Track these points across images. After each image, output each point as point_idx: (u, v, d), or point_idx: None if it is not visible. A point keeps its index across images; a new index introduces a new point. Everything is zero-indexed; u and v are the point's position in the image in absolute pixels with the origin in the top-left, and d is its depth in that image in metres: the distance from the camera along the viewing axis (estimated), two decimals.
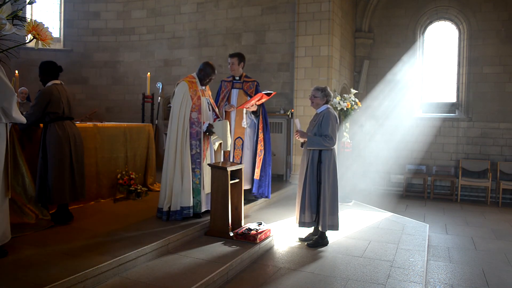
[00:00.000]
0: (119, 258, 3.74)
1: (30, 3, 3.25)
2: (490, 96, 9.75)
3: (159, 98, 9.18)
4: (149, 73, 8.74)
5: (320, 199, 5.05)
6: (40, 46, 3.08)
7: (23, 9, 3.32)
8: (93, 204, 5.81)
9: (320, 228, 5.12)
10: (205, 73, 5.33)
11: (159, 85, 9.17)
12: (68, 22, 11.37)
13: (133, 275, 3.75)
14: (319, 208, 5.06)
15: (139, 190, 6.23)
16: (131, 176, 6.28)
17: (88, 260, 3.63)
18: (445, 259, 5.39)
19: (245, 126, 6.17)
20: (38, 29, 3.04)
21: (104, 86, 11.32)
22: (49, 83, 4.77)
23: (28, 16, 10.19)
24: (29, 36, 3.07)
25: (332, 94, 5.34)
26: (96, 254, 3.79)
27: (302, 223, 5.15)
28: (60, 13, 11.40)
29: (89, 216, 5.23)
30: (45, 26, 3.09)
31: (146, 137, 6.99)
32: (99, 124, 6.11)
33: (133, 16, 11.32)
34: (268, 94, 5.85)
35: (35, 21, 3.04)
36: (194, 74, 5.39)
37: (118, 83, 11.37)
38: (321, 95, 5.18)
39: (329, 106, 5.26)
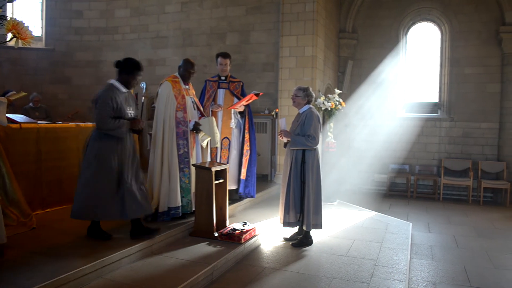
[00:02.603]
0: (102, 260, 3.69)
1: (10, 1, 3.21)
2: (472, 96, 9.90)
3: (143, 98, 9.09)
4: None
5: (304, 198, 5.06)
6: (20, 45, 3.04)
7: (3, 7, 3.27)
8: None
9: (304, 228, 5.14)
10: (185, 68, 5.30)
11: (143, 85, 9.07)
12: (50, 20, 11.19)
13: (116, 277, 3.71)
14: (303, 207, 5.07)
15: None
16: None
17: (70, 262, 3.58)
18: (428, 257, 5.46)
19: (233, 127, 6.17)
20: (18, 28, 3.00)
21: (87, 86, 11.17)
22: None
23: (9, 14, 10.01)
24: (9, 35, 3.03)
25: (314, 95, 5.37)
26: (78, 256, 3.73)
27: (287, 223, 5.16)
28: (42, 11, 11.22)
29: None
30: (26, 24, 3.05)
31: None
32: (81, 124, 6.02)
33: (117, 15, 11.21)
34: (256, 95, 5.86)
35: (15, 19, 3.00)
36: (177, 74, 5.36)
37: (101, 83, 11.18)
38: (303, 94, 5.20)
39: (311, 106, 5.29)
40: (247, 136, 6.24)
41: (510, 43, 9.32)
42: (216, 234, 4.84)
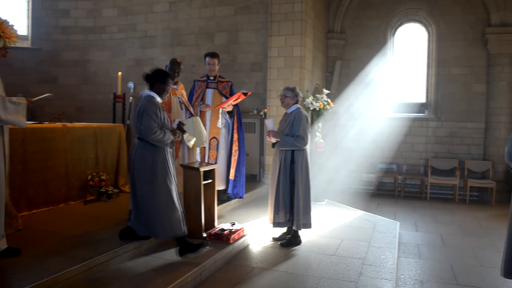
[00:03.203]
0: (89, 261, 3.66)
1: None
2: (458, 96, 10.02)
3: (131, 98, 9.03)
4: (120, 73, 8.59)
5: (294, 199, 5.08)
6: (5, 44, 3.01)
7: None
8: (62, 206, 5.68)
9: (294, 228, 5.15)
10: (170, 68, 5.30)
11: (131, 84, 9.01)
12: (36, 20, 11.06)
13: (104, 278, 3.68)
14: (293, 208, 5.09)
15: (110, 192, 6.12)
16: (102, 177, 6.16)
17: (57, 263, 3.55)
18: (415, 255, 5.51)
19: (221, 127, 6.15)
20: (2, 27, 2.97)
21: (73, 85, 11.08)
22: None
23: None
24: None
25: (301, 94, 5.39)
26: (66, 258, 3.70)
27: (276, 223, 5.17)
28: (28, 10, 11.09)
29: (58, 219, 5.11)
30: (10, 23, 3.02)
31: (117, 138, 6.88)
32: (68, 124, 5.97)
33: (104, 14, 11.12)
34: (244, 94, 5.85)
35: None
36: None
37: (88, 83, 11.15)
38: (292, 94, 5.22)
39: (299, 106, 5.30)
40: (235, 136, 6.23)
41: (496, 44, 9.45)
42: (204, 235, 4.82)
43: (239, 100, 6.02)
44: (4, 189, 3.75)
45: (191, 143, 5.33)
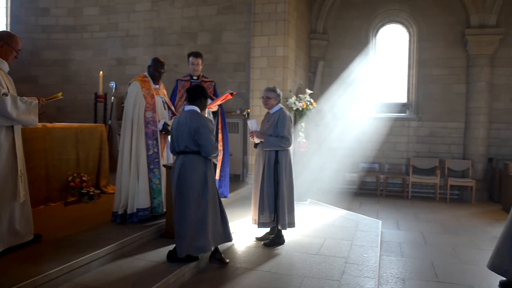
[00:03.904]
0: (70, 263, 3.62)
1: None
2: (438, 96, 10.17)
3: (112, 97, 8.95)
4: (101, 72, 8.51)
5: (279, 199, 5.09)
6: None
7: None
8: (42, 208, 5.58)
9: (280, 227, 5.18)
10: (154, 68, 5.22)
11: (113, 84, 8.93)
12: (15, 18, 10.87)
13: (85, 280, 3.63)
14: (278, 208, 5.10)
15: (91, 193, 6.04)
16: (83, 178, 6.08)
17: (37, 266, 3.49)
18: (397, 254, 5.57)
19: None
20: None
21: (54, 85, 10.89)
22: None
23: None
24: None
25: (281, 92, 5.40)
26: (46, 260, 3.64)
27: (261, 224, 5.18)
28: (7, 8, 10.89)
29: (38, 220, 4.99)
30: None
31: (98, 138, 6.80)
32: (48, 124, 5.87)
33: (85, 13, 10.98)
34: (231, 94, 5.85)
35: None
36: (146, 73, 5.28)
37: (69, 82, 10.99)
38: (275, 95, 5.23)
39: (282, 106, 5.32)
40: (220, 136, 6.21)
41: (475, 45, 9.61)
42: None
43: (225, 100, 6.02)
44: (17, 187, 3.75)
45: None
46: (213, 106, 5.96)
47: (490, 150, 9.87)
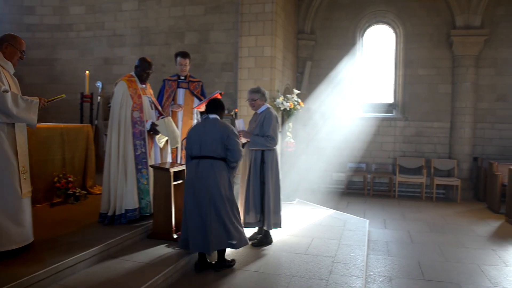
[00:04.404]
0: (56, 265, 3.58)
1: None
2: (424, 96, 10.27)
3: (99, 97, 8.87)
4: (88, 72, 8.44)
5: (265, 199, 5.09)
6: None
7: None
8: None
9: (265, 228, 5.17)
10: (142, 68, 5.18)
11: (99, 84, 8.86)
12: None
13: (71, 282, 3.60)
14: (264, 208, 5.10)
15: (77, 194, 5.98)
16: (69, 179, 6.01)
17: (23, 268, 3.44)
18: (384, 252, 5.61)
19: None
20: None
21: (39, 84, 10.76)
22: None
23: None
24: None
25: (266, 91, 5.39)
26: (32, 262, 3.59)
27: (247, 224, 5.17)
28: None
29: None
30: None
31: (84, 138, 6.73)
32: None
33: (71, 12, 10.86)
34: (220, 94, 5.88)
35: None
36: (133, 73, 5.24)
37: (55, 82, 10.86)
38: (259, 95, 5.22)
39: (269, 106, 5.32)
40: None
41: (460, 45, 9.73)
42: (175, 236, 4.78)
43: None
44: (19, 184, 3.73)
45: (162, 143, 5.29)
46: (203, 107, 5.96)
47: (475, 150, 10.00)
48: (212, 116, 4.47)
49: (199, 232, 4.20)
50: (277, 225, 5.25)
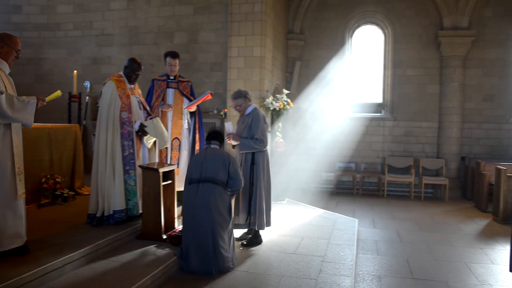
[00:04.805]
0: (44, 266, 3.54)
1: None
2: (413, 97, 10.35)
3: (87, 97, 8.80)
4: (76, 71, 8.37)
5: (252, 200, 5.10)
6: None
7: None
8: None
9: (256, 228, 5.17)
10: (131, 69, 5.15)
11: (87, 84, 8.79)
12: None
13: (59, 283, 3.56)
14: (255, 208, 5.11)
15: (65, 195, 5.92)
16: (57, 179, 5.94)
17: (10, 269, 3.40)
18: (373, 251, 5.64)
19: (187, 127, 6.10)
20: None
21: (27, 84, 10.63)
22: None
23: None
24: None
25: (249, 92, 5.35)
26: (19, 263, 3.55)
27: (237, 225, 5.17)
28: None
29: None
30: None
31: (72, 139, 6.66)
32: None
33: (59, 11, 10.76)
34: (211, 94, 5.88)
35: None
36: (121, 73, 5.20)
37: (42, 81, 10.76)
38: (243, 99, 5.18)
39: (255, 106, 5.30)
40: (197, 136, 6.17)
41: (448, 46, 9.82)
42: (164, 236, 4.76)
43: (205, 100, 6.03)
44: (14, 186, 3.71)
45: (150, 144, 5.26)
46: (193, 107, 5.95)
47: (462, 149, 10.10)
48: (213, 144, 4.60)
49: (198, 255, 4.22)
50: (268, 223, 5.27)
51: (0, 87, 3.63)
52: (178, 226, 5.12)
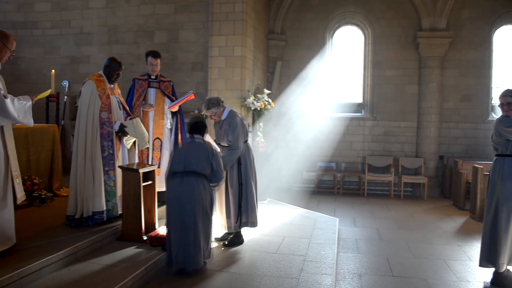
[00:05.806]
0: (21, 270, 3.45)
1: None
2: (392, 97, 10.49)
3: (65, 97, 8.65)
4: (53, 71, 8.20)
5: (246, 199, 5.12)
6: None
7: None
8: None
9: (248, 226, 5.21)
10: (111, 68, 5.08)
11: (65, 83, 8.64)
12: None
13: (37, 287, 3.48)
14: (246, 207, 5.13)
15: (43, 196, 5.80)
16: (34, 181, 5.82)
17: None
18: (354, 250, 5.70)
19: (170, 127, 6.05)
20: None
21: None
22: None
23: None
24: None
25: (219, 97, 5.26)
26: None
27: (229, 228, 5.17)
28: None
29: None
30: None
31: (50, 139, 6.54)
32: None
33: (36, 9, 10.55)
34: (193, 94, 5.87)
35: None
36: (101, 72, 5.13)
37: (19, 81, 10.52)
38: (217, 108, 5.08)
39: (230, 108, 5.24)
40: (179, 136, 6.14)
41: (426, 47, 9.98)
42: (145, 238, 4.71)
43: (187, 100, 6.01)
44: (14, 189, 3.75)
45: (129, 144, 5.20)
46: (176, 107, 5.91)
47: (441, 148, 10.28)
48: (197, 137, 4.52)
49: (182, 248, 4.16)
50: (254, 223, 5.25)
51: (2, 90, 3.57)
52: (159, 227, 5.08)
